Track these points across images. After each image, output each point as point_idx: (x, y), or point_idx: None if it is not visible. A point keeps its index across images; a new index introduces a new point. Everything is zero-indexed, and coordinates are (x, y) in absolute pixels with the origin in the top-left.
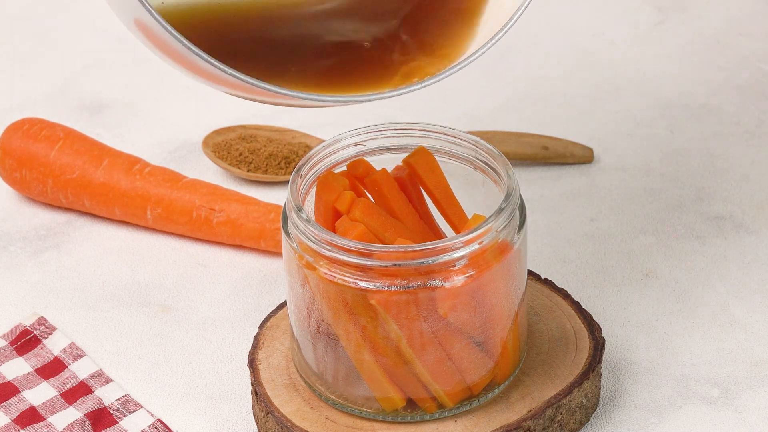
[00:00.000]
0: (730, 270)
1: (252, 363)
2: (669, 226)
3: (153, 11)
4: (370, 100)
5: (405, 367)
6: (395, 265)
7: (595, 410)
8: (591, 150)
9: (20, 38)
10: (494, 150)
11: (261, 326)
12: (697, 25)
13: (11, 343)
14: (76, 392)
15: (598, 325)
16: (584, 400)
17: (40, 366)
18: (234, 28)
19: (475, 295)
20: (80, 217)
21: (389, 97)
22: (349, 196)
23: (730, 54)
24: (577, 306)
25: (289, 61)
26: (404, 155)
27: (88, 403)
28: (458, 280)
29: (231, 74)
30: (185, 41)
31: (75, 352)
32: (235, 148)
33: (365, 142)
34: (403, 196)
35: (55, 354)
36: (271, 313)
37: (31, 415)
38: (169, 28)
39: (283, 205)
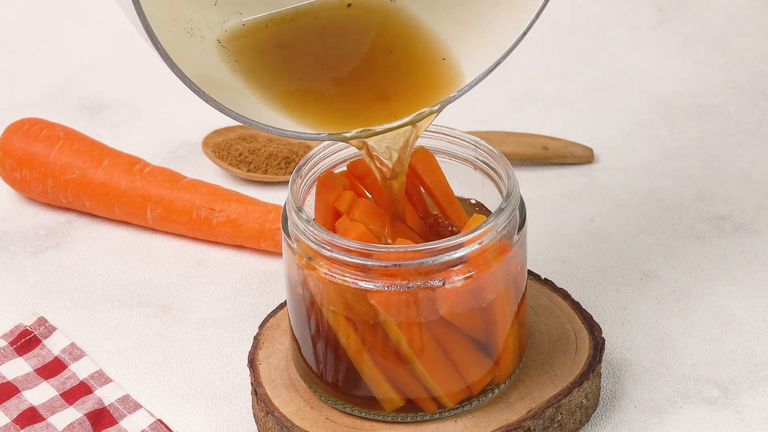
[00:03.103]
0: (730, 270)
1: (252, 363)
2: (669, 226)
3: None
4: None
5: (405, 368)
6: (395, 265)
7: (595, 410)
8: (591, 150)
9: (20, 38)
10: (494, 150)
11: (261, 326)
12: (697, 25)
13: (11, 343)
14: (76, 392)
15: (598, 325)
16: (584, 400)
17: (40, 366)
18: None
19: (475, 295)
20: (80, 217)
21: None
22: (349, 196)
23: (730, 54)
24: (577, 306)
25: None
26: None
27: (88, 403)
28: (458, 280)
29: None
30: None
31: (75, 352)
32: (235, 148)
33: None
34: (404, 195)
35: (55, 354)
36: (271, 313)
37: (31, 415)
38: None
39: (283, 205)
